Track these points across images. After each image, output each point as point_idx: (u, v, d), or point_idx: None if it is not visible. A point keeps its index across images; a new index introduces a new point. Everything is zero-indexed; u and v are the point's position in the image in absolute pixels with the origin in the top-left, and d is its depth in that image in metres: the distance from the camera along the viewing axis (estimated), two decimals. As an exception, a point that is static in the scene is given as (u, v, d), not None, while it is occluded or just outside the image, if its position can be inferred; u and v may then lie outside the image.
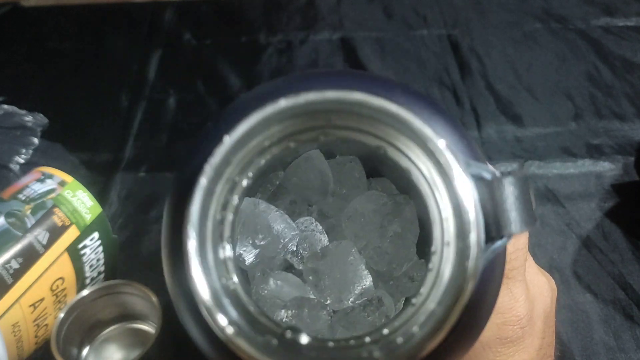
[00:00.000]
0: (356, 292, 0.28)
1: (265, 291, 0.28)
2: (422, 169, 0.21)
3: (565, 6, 0.86)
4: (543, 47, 0.80)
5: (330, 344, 0.21)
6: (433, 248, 0.20)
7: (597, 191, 0.62)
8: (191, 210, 0.21)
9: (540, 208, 0.61)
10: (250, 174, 0.22)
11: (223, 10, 0.88)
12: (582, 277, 0.55)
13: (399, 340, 0.20)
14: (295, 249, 0.29)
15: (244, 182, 0.22)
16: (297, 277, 0.29)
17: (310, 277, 0.29)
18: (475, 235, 0.20)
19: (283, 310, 0.27)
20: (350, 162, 0.30)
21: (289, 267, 0.30)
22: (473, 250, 0.20)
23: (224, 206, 0.22)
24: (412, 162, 0.22)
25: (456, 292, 0.19)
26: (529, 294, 0.32)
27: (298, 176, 0.30)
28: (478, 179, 0.21)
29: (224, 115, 0.24)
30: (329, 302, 0.28)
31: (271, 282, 0.28)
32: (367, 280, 0.28)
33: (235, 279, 0.22)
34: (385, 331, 0.20)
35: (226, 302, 0.21)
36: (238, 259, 0.28)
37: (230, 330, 0.20)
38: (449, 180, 0.20)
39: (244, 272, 0.29)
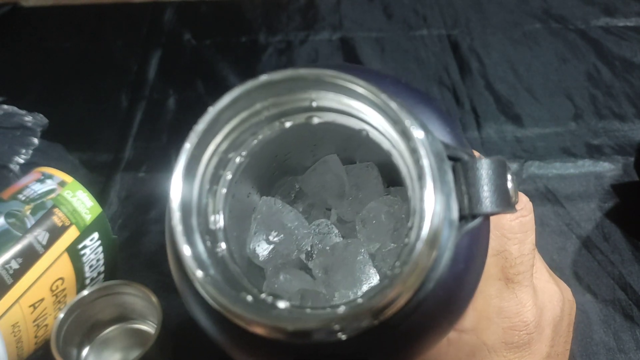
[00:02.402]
0: (364, 290, 0.28)
1: (276, 285, 0.28)
2: (401, 150, 0.22)
3: (565, 6, 0.86)
4: (543, 47, 0.80)
5: (308, 310, 0.21)
6: (409, 223, 0.20)
7: (597, 191, 0.62)
8: (175, 171, 0.21)
9: (540, 208, 0.61)
10: (243, 153, 0.24)
11: (223, 10, 0.88)
12: (582, 278, 0.55)
13: (360, 300, 0.20)
14: (309, 248, 0.30)
15: (237, 159, 0.24)
16: (307, 275, 0.30)
17: (319, 274, 0.29)
18: (437, 210, 0.20)
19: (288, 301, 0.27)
20: (367, 167, 0.31)
21: (303, 268, 0.31)
22: (437, 223, 0.19)
23: (217, 179, 0.23)
24: (392, 143, 0.22)
25: (419, 259, 0.19)
26: (537, 301, 0.31)
27: (315, 178, 0.31)
28: (457, 161, 0.21)
29: None
30: (336, 298, 0.28)
31: (281, 276, 0.29)
32: (375, 279, 0.28)
33: (224, 246, 0.23)
34: (357, 298, 0.21)
35: (207, 260, 0.21)
36: (253, 254, 0.29)
37: (200, 274, 0.20)
38: (416, 157, 0.20)
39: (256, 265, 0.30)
